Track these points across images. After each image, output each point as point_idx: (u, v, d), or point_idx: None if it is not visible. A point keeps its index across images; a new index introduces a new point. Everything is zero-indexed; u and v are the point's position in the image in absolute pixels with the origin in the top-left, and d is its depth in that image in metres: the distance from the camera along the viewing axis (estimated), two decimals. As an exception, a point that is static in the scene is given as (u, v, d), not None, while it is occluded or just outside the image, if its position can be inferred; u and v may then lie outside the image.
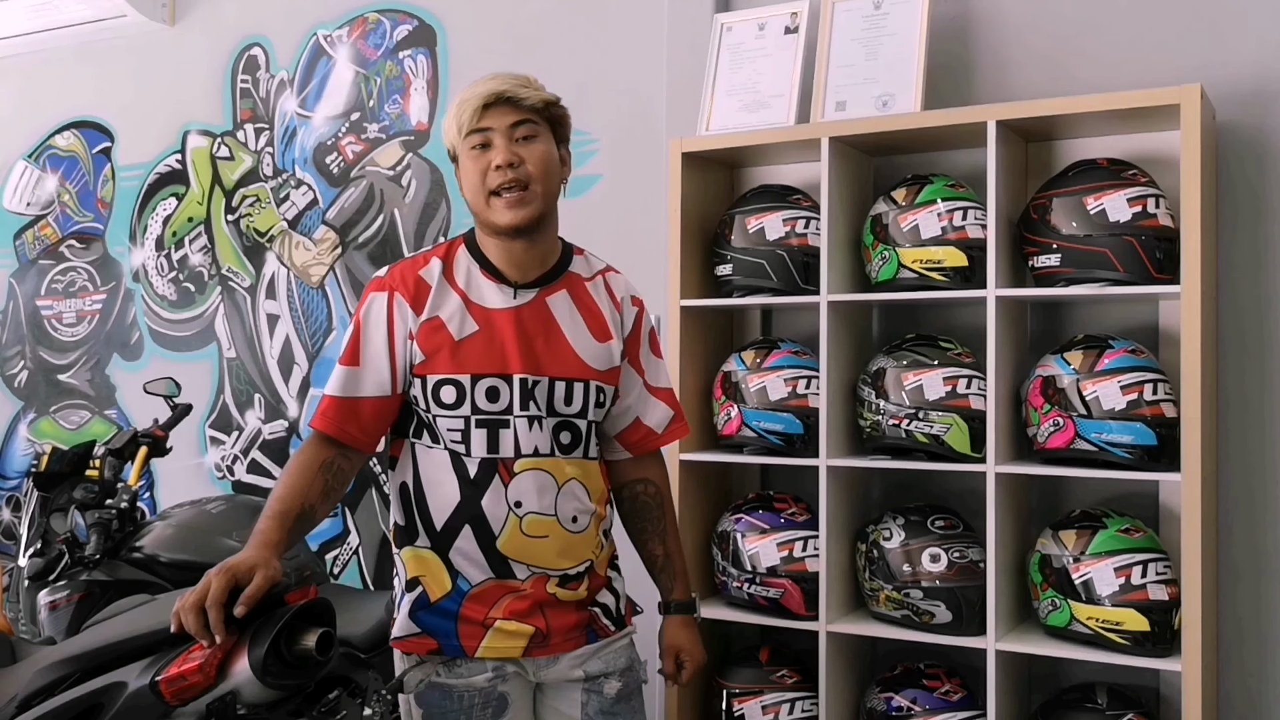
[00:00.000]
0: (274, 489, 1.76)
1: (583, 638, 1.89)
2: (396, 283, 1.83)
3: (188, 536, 2.79)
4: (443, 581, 1.83)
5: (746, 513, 2.71)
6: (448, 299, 1.82)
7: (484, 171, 1.79)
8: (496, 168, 1.78)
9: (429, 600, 1.84)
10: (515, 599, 1.83)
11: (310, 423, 1.86)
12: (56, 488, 3.05)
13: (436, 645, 1.83)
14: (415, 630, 1.85)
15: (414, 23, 3.60)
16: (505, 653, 1.83)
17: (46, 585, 2.69)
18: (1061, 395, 2.37)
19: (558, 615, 1.86)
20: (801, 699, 2.64)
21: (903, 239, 2.54)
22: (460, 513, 1.81)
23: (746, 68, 2.85)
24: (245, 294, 3.91)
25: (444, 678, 1.83)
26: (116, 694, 1.91)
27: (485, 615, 1.82)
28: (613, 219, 3.15)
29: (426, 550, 1.84)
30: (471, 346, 1.80)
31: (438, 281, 1.83)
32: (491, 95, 1.79)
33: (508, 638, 1.83)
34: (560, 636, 1.86)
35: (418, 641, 1.84)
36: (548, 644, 1.85)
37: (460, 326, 1.81)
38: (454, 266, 1.86)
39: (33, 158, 4.41)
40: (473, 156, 1.80)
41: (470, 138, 1.80)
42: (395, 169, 3.61)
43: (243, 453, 3.90)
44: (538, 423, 1.82)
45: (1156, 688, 2.51)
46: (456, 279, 1.84)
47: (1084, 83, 2.61)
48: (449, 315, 1.81)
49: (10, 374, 4.46)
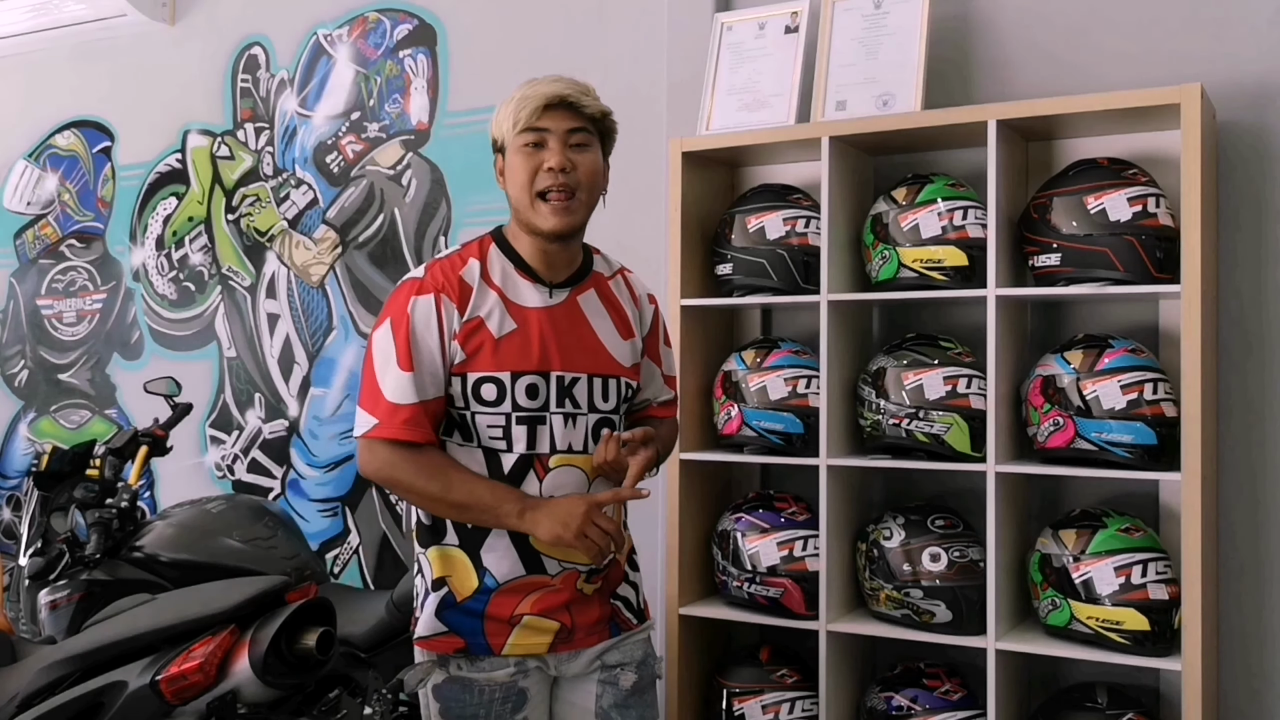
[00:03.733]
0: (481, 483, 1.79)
1: (606, 632, 1.92)
2: (440, 284, 1.82)
3: (188, 536, 2.79)
4: (469, 581, 1.84)
5: (747, 512, 2.71)
6: (487, 298, 1.83)
7: (534, 171, 1.80)
8: (548, 169, 1.79)
9: (455, 599, 1.84)
10: (546, 594, 1.85)
11: (388, 435, 1.78)
12: (57, 487, 3.05)
13: (463, 643, 1.83)
14: (441, 629, 1.85)
15: (414, 22, 3.60)
16: (530, 649, 1.85)
17: (47, 584, 2.69)
18: (1061, 395, 2.37)
19: (583, 611, 1.88)
20: (801, 698, 2.64)
21: (903, 238, 2.54)
22: None
23: (747, 67, 2.85)
24: (245, 293, 3.91)
25: (465, 671, 1.84)
26: (117, 693, 1.92)
27: (512, 612, 1.83)
28: (613, 218, 3.12)
29: (454, 548, 1.85)
30: (510, 344, 1.82)
31: (478, 282, 1.83)
32: (555, 97, 1.80)
33: (534, 634, 1.84)
34: (584, 632, 1.88)
35: (444, 640, 1.85)
36: (572, 639, 1.87)
37: (500, 325, 1.82)
38: (489, 265, 1.86)
39: (33, 157, 4.41)
40: (525, 154, 1.81)
41: (524, 135, 1.80)
42: (395, 168, 3.61)
43: (243, 452, 3.90)
44: (573, 420, 1.84)
45: (1156, 687, 2.51)
46: (493, 278, 1.85)
47: (1084, 82, 2.61)
48: (488, 314, 1.82)
49: (10, 373, 4.46)
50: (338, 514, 3.70)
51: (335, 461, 3.71)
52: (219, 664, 1.91)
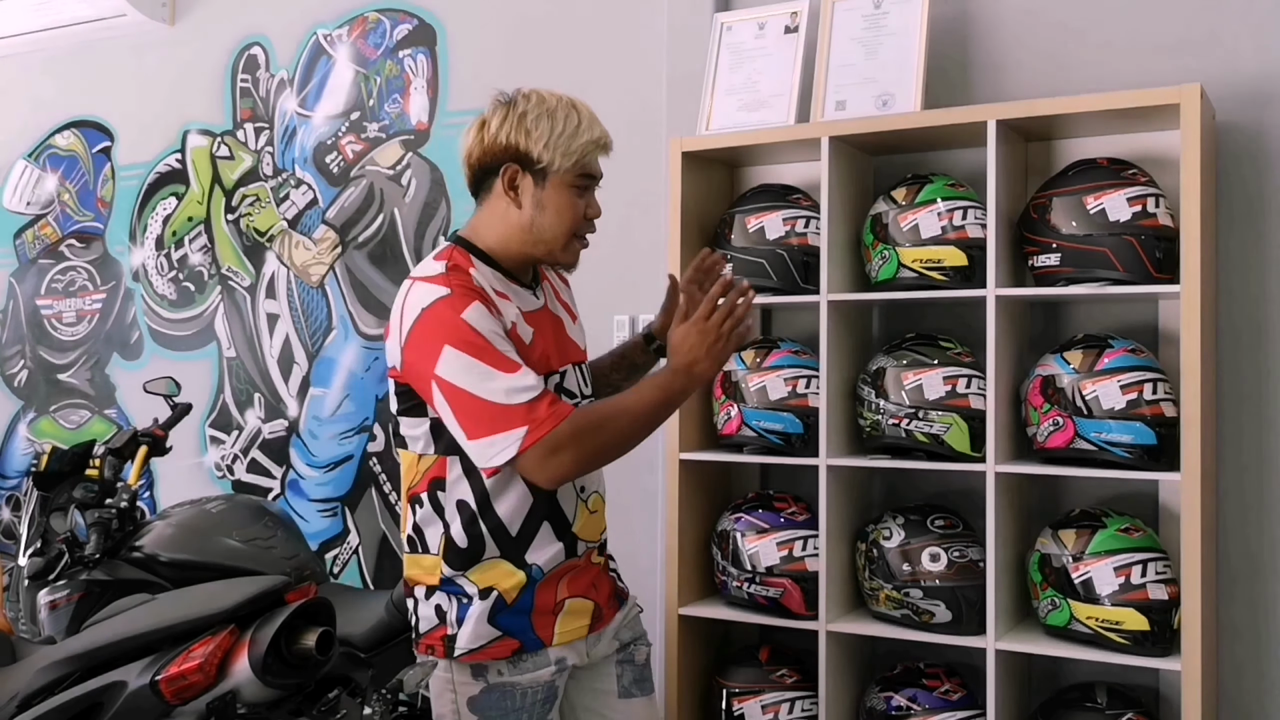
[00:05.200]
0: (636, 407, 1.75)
1: (617, 604, 1.97)
2: (476, 293, 1.75)
3: (188, 536, 2.79)
4: (515, 579, 1.81)
5: (746, 512, 2.71)
6: (508, 308, 1.81)
7: (579, 216, 1.84)
8: (590, 218, 1.85)
9: (506, 603, 1.81)
10: (577, 574, 1.88)
11: (542, 431, 1.68)
12: (56, 487, 3.05)
13: (519, 644, 1.82)
14: (495, 635, 1.81)
15: (414, 22, 3.60)
16: (574, 635, 1.87)
17: (46, 585, 2.69)
18: (1061, 395, 2.37)
19: (602, 586, 1.94)
20: (801, 698, 2.64)
21: (903, 238, 2.54)
22: (536, 513, 1.83)
23: (746, 67, 2.85)
24: (245, 293, 3.91)
25: (507, 676, 1.81)
26: (116, 693, 1.91)
27: (555, 599, 1.85)
28: (613, 219, 3.14)
29: (496, 560, 1.82)
30: (536, 348, 1.84)
31: (492, 293, 1.80)
32: (608, 147, 1.85)
33: (575, 618, 1.87)
34: (606, 606, 1.93)
35: (499, 646, 1.81)
36: (602, 615, 1.92)
37: (525, 331, 1.83)
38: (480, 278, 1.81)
39: (33, 157, 4.41)
40: (573, 194, 1.83)
41: (581, 179, 1.83)
42: (395, 168, 3.61)
43: (242, 452, 3.90)
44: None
45: (1156, 687, 2.51)
46: (496, 287, 1.82)
47: (1084, 82, 2.61)
48: (513, 322, 1.81)
49: (10, 373, 4.46)
50: (337, 514, 3.70)
51: (335, 461, 3.71)
52: (219, 664, 1.91)
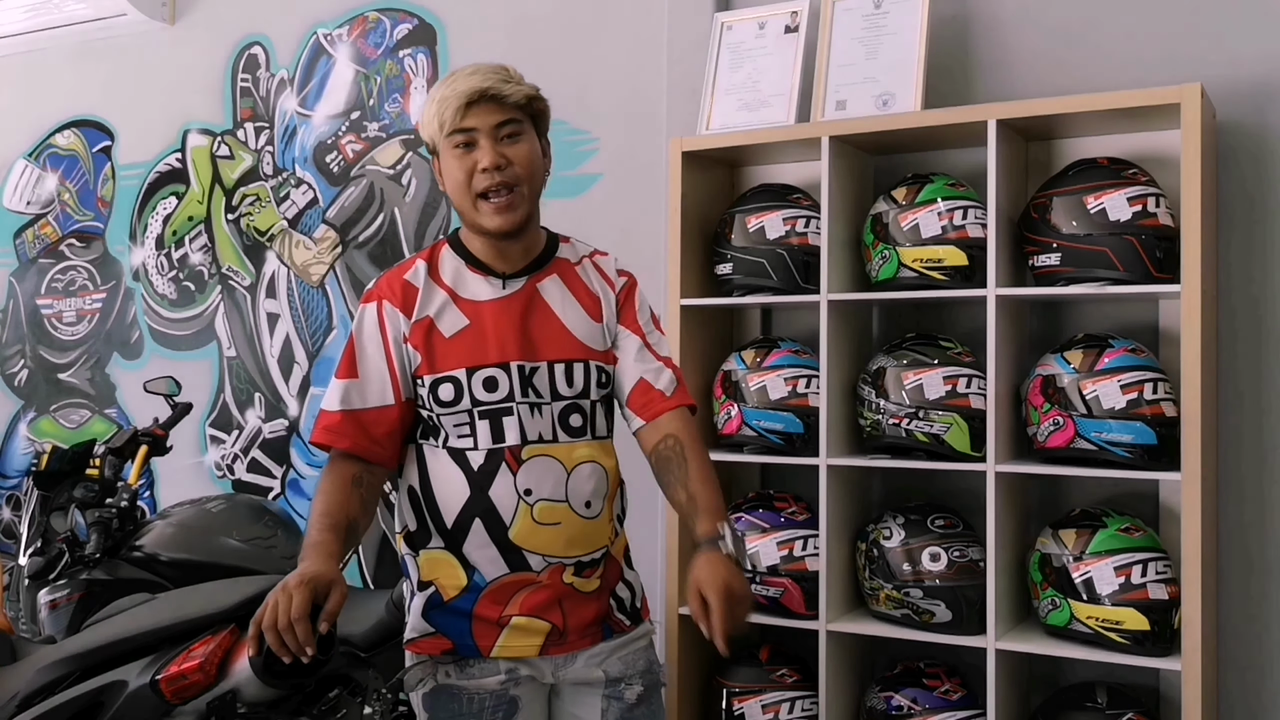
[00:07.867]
0: (315, 507, 1.75)
1: (599, 634, 1.85)
2: (384, 291, 1.83)
3: (188, 536, 2.79)
4: (458, 579, 1.80)
5: (747, 511, 2.71)
6: (434, 297, 1.82)
7: (469, 173, 1.76)
8: (483, 170, 1.76)
9: (442, 599, 1.81)
10: (532, 591, 1.79)
11: (312, 439, 1.85)
12: (57, 487, 3.05)
13: (451, 645, 1.80)
14: (429, 630, 1.82)
15: (414, 22, 3.60)
16: (520, 652, 1.80)
17: (47, 584, 2.69)
18: (1061, 394, 2.37)
19: (575, 609, 1.82)
20: (801, 698, 2.64)
21: (903, 238, 2.54)
22: (469, 508, 1.79)
23: (746, 67, 2.85)
24: (245, 293, 3.91)
25: (455, 679, 1.80)
26: (117, 692, 1.92)
27: (500, 614, 1.79)
28: (613, 218, 3.15)
29: (440, 551, 1.82)
30: (462, 341, 1.80)
31: (424, 282, 1.82)
32: (475, 93, 1.75)
33: (524, 635, 1.79)
34: (577, 634, 1.82)
35: (432, 641, 1.82)
36: (564, 641, 1.81)
37: (451, 323, 1.80)
38: (439, 266, 1.85)
39: (33, 156, 4.41)
40: (456, 156, 1.77)
41: (453, 136, 1.77)
42: (395, 168, 3.61)
43: (243, 451, 3.90)
44: (539, 409, 1.80)
45: (1156, 687, 2.51)
46: (443, 277, 1.84)
47: (1084, 82, 2.61)
48: (437, 313, 1.81)
49: (10, 373, 4.46)
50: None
51: (335, 461, 3.71)
52: (219, 663, 1.91)
